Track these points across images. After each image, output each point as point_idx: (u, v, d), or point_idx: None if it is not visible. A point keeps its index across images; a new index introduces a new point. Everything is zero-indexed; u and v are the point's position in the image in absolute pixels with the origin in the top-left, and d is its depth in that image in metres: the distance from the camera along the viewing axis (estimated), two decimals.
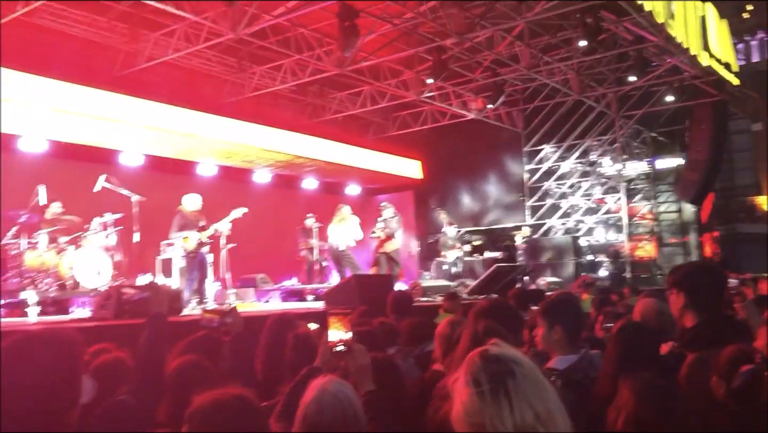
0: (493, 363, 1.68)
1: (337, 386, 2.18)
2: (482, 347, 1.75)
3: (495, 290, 10.66)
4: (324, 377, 2.25)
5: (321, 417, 2.10)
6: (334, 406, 2.11)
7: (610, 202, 17.74)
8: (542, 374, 1.73)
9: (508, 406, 1.61)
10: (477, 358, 1.71)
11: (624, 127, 17.26)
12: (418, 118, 17.43)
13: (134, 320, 5.58)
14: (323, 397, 2.13)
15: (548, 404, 1.65)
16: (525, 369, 1.67)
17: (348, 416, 2.11)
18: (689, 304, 2.87)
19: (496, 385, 1.64)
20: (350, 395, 2.17)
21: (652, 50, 13.90)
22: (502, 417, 1.61)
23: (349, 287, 8.31)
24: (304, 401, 2.15)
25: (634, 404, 2.30)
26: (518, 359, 1.70)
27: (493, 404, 1.62)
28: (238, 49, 13.39)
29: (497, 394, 1.63)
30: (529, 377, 1.66)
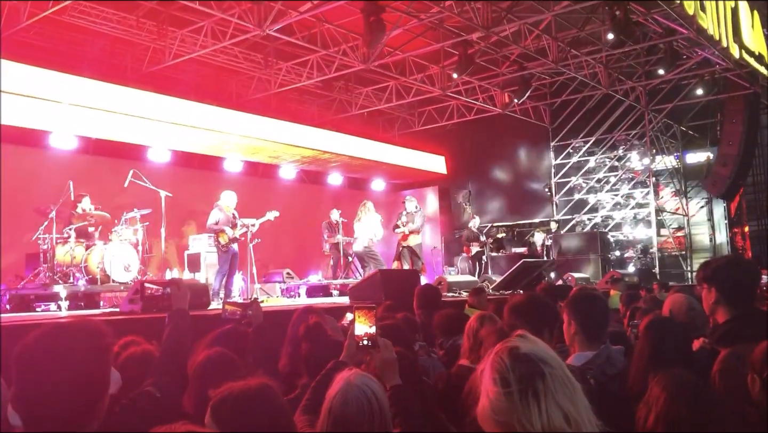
0: (523, 363, 1.65)
1: (362, 379, 2.17)
2: (510, 342, 1.73)
3: (521, 285, 10.59)
4: (349, 370, 2.24)
5: (346, 410, 2.09)
6: (359, 399, 2.10)
7: (638, 197, 17.51)
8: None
9: (537, 408, 1.60)
10: (506, 356, 1.68)
11: (653, 121, 17.01)
12: (444, 113, 17.36)
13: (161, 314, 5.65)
14: (348, 390, 2.12)
15: (577, 404, 1.63)
16: (554, 369, 1.65)
17: (373, 409, 2.10)
18: (721, 299, 2.81)
19: (525, 386, 1.61)
20: (375, 388, 2.16)
21: (683, 43, 13.67)
22: (531, 419, 1.59)
23: (374, 281, 8.29)
24: (330, 394, 2.15)
25: (664, 401, 2.25)
26: (547, 358, 1.67)
27: (522, 405, 1.60)
28: (264, 45, 13.45)
29: (526, 396, 1.61)
30: (558, 378, 1.63)
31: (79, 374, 1.74)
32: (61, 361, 1.73)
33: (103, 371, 1.82)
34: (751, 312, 2.81)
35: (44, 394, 1.71)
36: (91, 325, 1.89)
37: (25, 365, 1.75)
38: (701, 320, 3.78)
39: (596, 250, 15.30)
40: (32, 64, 9.86)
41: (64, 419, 1.72)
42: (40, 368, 1.72)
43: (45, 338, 1.78)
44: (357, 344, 2.63)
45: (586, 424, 1.63)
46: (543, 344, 1.75)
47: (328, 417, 2.11)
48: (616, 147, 17.65)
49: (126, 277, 9.26)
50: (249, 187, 14.84)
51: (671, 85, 16.27)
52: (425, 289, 6.09)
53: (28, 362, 1.75)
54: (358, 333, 2.63)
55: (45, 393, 1.71)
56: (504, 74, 15.20)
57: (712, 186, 17.00)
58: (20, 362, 1.76)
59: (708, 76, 15.47)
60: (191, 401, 2.50)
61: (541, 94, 17.37)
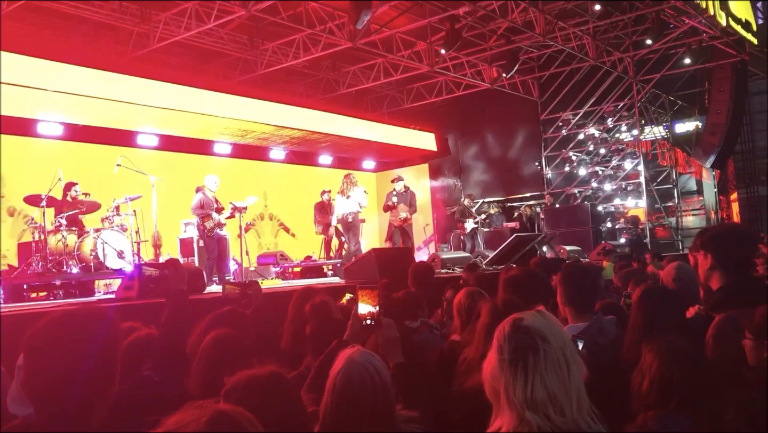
0: (520, 335, 1.70)
1: (365, 356, 2.20)
2: (520, 314, 1.77)
3: (514, 259, 10.64)
4: (352, 348, 2.27)
5: (349, 386, 2.12)
6: (361, 375, 2.13)
7: (628, 168, 17.58)
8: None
9: (522, 380, 1.64)
10: (508, 325, 1.72)
11: (641, 92, 17.02)
12: (433, 89, 17.30)
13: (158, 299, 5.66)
14: (351, 366, 2.15)
15: (567, 387, 1.66)
16: (551, 348, 1.68)
17: (376, 385, 2.13)
18: (716, 265, 2.84)
19: (516, 357, 1.67)
20: (378, 365, 2.19)
21: (669, 12, 13.65)
22: (515, 389, 1.64)
23: (368, 260, 8.31)
24: (333, 371, 2.18)
25: (657, 366, 2.30)
26: (548, 336, 1.70)
27: (509, 374, 1.65)
28: (249, 26, 13.32)
29: (515, 366, 1.66)
30: (552, 357, 1.67)
31: (88, 360, 1.75)
32: (70, 347, 1.74)
33: (112, 356, 1.84)
34: (746, 279, 2.84)
35: (53, 380, 1.72)
36: (99, 311, 1.90)
37: (34, 352, 1.77)
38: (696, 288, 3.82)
39: (587, 222, 15.38)
40: (15, 51, 9.73)
41: (73, 404, 1.73)
42: (49, 354, 1.74)
43: (54, 324, 1.79)
44: (360, 323, 2.67)
45: (573, 409, 1.65)
46: (555, 321, 1.78)
47: (332, 393, 2.14)
48: (605, 119, 17.67)
49: (119, 263, 9.24)
50: (238, 170, 14.80)
51: (659, 55, 16.26)
52: (419, 266, 6.12)
53: (37, 349, 1.76)
54: (361, 312, 2.67)
55: (54, 379, 1.72)
56: (491, 49, 15.15)
57: (701, 155, 17.07)
58: (30, 349, 1.78)
59: (695, 45, 15.47)
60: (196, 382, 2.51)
61: (529, 67, 17.33)
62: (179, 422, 1.27)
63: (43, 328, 1.79)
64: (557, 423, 1.62)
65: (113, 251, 9.20)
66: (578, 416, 1.65)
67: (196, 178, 10.68)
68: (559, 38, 14.32)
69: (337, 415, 2.12)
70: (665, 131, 18.25)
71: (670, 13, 13.78)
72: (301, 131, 14.36)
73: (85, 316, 1.87)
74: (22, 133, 11.41)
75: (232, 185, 13.22)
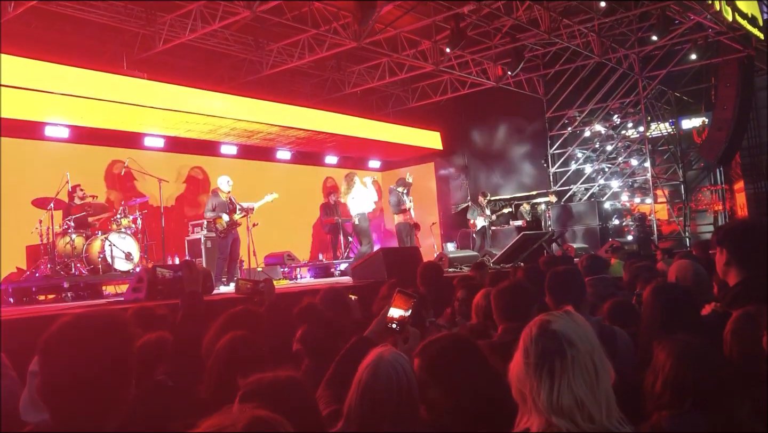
0: (547, 339, 1.67)
1: (395, 356, 2.22)
2: (548, 316, 1.74)
3: (522, 257, 10.62)
4: (384, 346, 2.29)
5: (375, 383, 2.14)
6: (388, 373, 2.15)
7: (635, 164, 17.52)
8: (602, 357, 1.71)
9: (548, 385, 1.61)
10: (535, 327, 1.70)
11: (647, 88, 16.95)
12: (438, 88, 17.27)
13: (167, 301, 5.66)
14: (380, 363, 2.18)
15: (596, 392, 1.63)
16: (579, 353, 1.65)
17: (402, 385, 2.14)
18: (732, 261, 2.82)
19: (542, 361, 1.64)
20: (407, 367, 2.21)
21: (675, 8, 13.58)
22: (540, 393, 1.61)
23: (376, 260, 8.31)
24: (362, 367, 2.20)
25: (671, 366, 2.27)
26: (575, 340, 1.67)
27: (535, 378, 1.62)
28: (254, 27, 13.32)
29: (540, 370, 1.63)
30: (580, 362, 1.64)
31: (103, 363, 1.74)
32: (85, 350, 1.73)
33: (127, 359, 1.83)
34: (763, 274, 2.82)
35: (69, 384, 1.72)
36: (114, 314, 1.89)
37: (49, 355, 1.76)
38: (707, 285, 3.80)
39: (594, 219, 15.34)
40: (21, 55, 9.76)
41: (90, 409, 1.72)
42: (64, 358, 1.73)
43: (68, 327, 1.78)
44: (386, 324, 2.67)
45: (602, 415, 1.63)
46: (583, 324, 1.75)
47: (358, 387, 2.17)
48: (611, 116, 17.61)
49: (127, 265, 9.27)
50: (245, 171, 14.83)
51: (664, 51, 16.17)
52: (428, 266, 6.11)
53: (52, 353, 1.75)
54: (390, 315, 2.67)
55: (70, 383, 1.71)
56: (496, 47, 15.11)
57: (708, 151, 16.98)
58: (45, 353, 1.77)
59: (701, 41, 15.39)
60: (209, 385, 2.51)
61: (534, 65, 17.28)
62: (216, 425, 1.27)
63: (57, 331, 1.78)
64: (585, 429, 1.60)
65: (121, 253, 9.23)
66: (607, 422, 1.62)
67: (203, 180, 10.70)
68: (564, 35, 14.27)
69: (360, 410, 2.14)
70: (671, 127, 18.18)
71: (676, 9, 13.71)
72: (307, 131, 14.38)
73: (98, 319, 1.86)
74: (29, 137, 11.46)
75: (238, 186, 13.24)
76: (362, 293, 5.37)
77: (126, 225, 9.64)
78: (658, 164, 17.72)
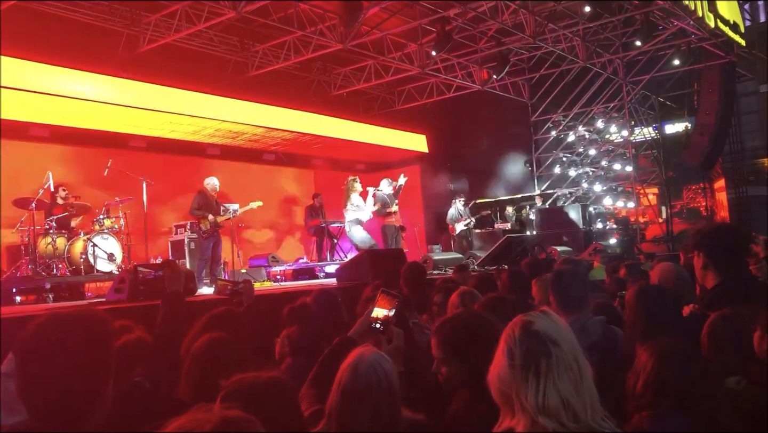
0: (531, 340, 1.67)
1: (375, 356, 2.22)
2: (529, 316, 1.74)
3: (506, 260, 10.65)
4: (365, 346, 2.29)
5: (355, 383, 2.15)
6: (368, 375, 2.15)
7: (618, 168, 17.65)
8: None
9: (535, 386, 1.62)
10: (518, 329, 1.69)
11: (631, 93, 17.09)
12: (424, 91, 17.30)
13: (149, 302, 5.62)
14: (360, 364, 2.18)
15: (581, 391, 1.64)
16: (563, 352, 1.66)
17: (382, 387, 2.15)
18: (709, 264, 2.85)
19: (528, 363, 1.64)
20: (387, 367, 2.21)
21: (658, 13, 13.71)
22: (527, 396, 1.61)
23: (361, 262, 8.31)
24: (342, 367, 2.21)
25: (653, 366, 2.29)
26: (559, 340, 1.68)
27: (521, 381, 1.62)
28: (239, 27, 13.28)
29: (527, 372, 1.63)
30: (564, 362, 1.65)
31: (81, 362, 1.72)
32: (62, 349, 1.71)
33: (105, 358, 1.81)
34: (739, 276, 2.85)
35: (46, 383, 1.70)
36: (91, 313, 1.87)
37: (26, 355, 1.74)
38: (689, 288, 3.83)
39: (579, 223, 15.43)
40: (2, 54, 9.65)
41: (68, 408, 1.70)
42: (40, 358, 1.71)
43: (45, 326, 1.76)
44: (369, 324, 2.68)
45: (587, 412, 1.64)
46: (562, 323, 1.76)
47: (338, 388, 2.17)
48: (595, 120, 17.73)
49: (110, 266, 9.20)
50: (230, 172, 14.76)
51: (648, 57, 16.34)
52: (411, 267, 6.11)
53: (29, 352, 1.73)
54: (374, 315, 2.67)
55: (47, 383, 1.69)
56: (482, 50, 15.17)
57: (690, 156, 17.15)
58: (21, 352, 1.75)
59: (684, 47, 15.56)
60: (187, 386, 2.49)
61: (520, 69, 17.37)
62: (185, 427, 1.24)
63: (34, 331, 1.76)
64: (571, 428, 1.60)
65: (104, 254, 9.16)
66: (592, 420, 1.63)
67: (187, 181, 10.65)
68: (549, 40, 14.37)
69: (341, 410, 2.14)
70: (655, 132, 18.34)
71: (659, 15, 13.84)
72: (293, 133, 14.35)
73: (75, 318, 1.84)
74: (11, 137, 11.32)
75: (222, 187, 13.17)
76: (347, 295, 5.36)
77: (109, 226, 9.57)
78: (642, 168, 17.87)
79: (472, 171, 18.53)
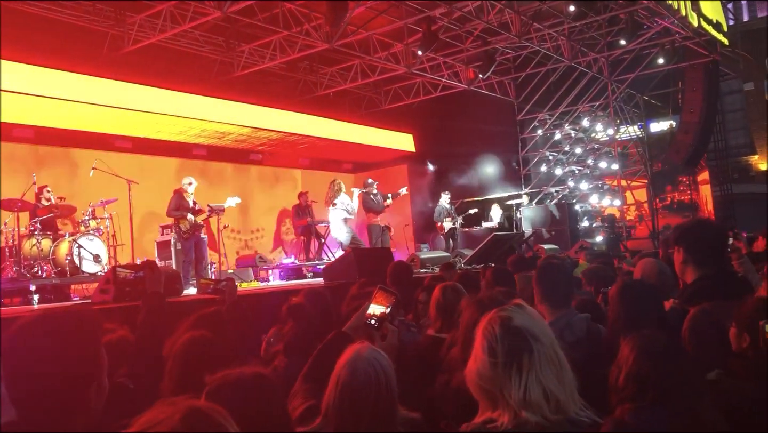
0: (512, 336, 1.69)
1: (372, 352, 2.24)
2: (505, 312, 1.75)
3: (493, 258, 10.69)
4: (361, 343, 2.30)
5: (353, 380, 2.16)
6: (366, 371, 2.17)
7: (604, 167, 17.76)
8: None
9: (518, 381, 1.64)
10: (497, 326, 1.71)
11: (616, 92, 17.20)
12: (410, 90, 17.33)
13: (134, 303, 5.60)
14: (357, 361, 2.20)
15: (563, 382, 1.67)
16: (543, 346, 1.69)
17: (380, 382, 2.17)
18: (689, 259, 2.89)
19: (510, 359, 1.66)
20: (384, 364, 2.22)
21: (643, 13, 13.82)
22: (511, 391, 1.63)
23: (348, 261, 8.32)
24: (340, 364, 2.22)
25: (634, 360, 2.32)
26: (538, 334, 1.71)
27: (504, 377, 1.65)
28: (225, 27, 13.25)
29: (510, 368, 1.65)
30: (545, 355, 1.68)
31: (69, 360, 1.72)
32: (50, 347, 1.71)
33: (94, 355, 1.81)
34: (718, 271, 2.89)
35: (34, 381, 1.69)
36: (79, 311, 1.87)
37: (13, 354, 1.73)
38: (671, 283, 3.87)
39: (565, 221, 15.52)
40: None
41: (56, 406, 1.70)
42: (28, 356, 1.71)
43: (32, 325, 1.76)
44: (364, 320, 2.70)
45: (569, 403, 1.67)
46: (538, 317, 1.79)
47: (336, 385, 2.18)
48: (580, 119, 17.83)
49: (96, 267, 9.15)
50: (216, 172, 14.73)
51: (633, 56, 16.44)
52: (397, 265, 6.15)
53: (16, 350, 1.73)
54: (369, 312, 2.70)
55: (35, 380, 1.69)
56: (468, 50, 15.21)
57: (675, 154, 17.29)
58: (8, 351, 1.74)
59: (668, 46, 15.67)
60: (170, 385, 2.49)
61: (506, 68, 17.43)
62: (151, 420, 1.23)
63: (19, 329, 1.76)
64: (553, 419, 1.64)
65: (89, 255, 9.11)
66: (572, 409, 1.66)
67: (173, 182, 10.60)
68: (534, 39, 14.43)
69: (339, 407, 2.16)
70: (640, 130, 18.47)
71: (643, 14, 13.95)
72: (279, 133, 14.32)
73: (63, 316, 1.84)
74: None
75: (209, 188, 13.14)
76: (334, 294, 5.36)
77: (94, 227, 9.52)
78: (627, 166, 18.00)
79: (459, 170, 18.57)
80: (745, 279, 3.38)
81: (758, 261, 4.61)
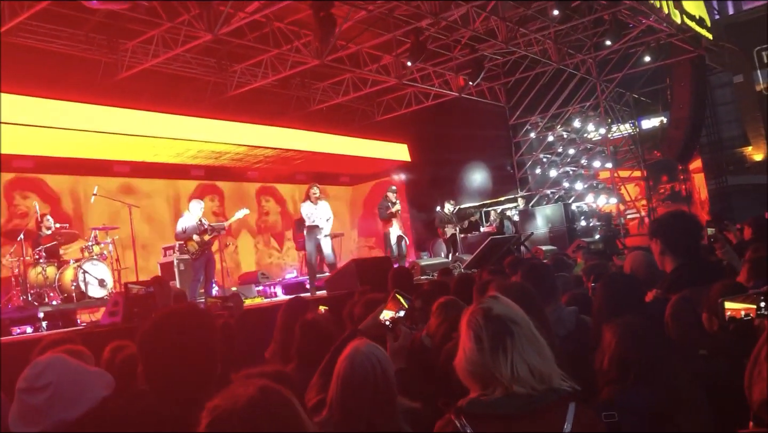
0: (494, 323, 1.90)
1: (369, 347, 2.42)
2: (484, 303, 1.95)
3: (491, 262, 10.82)
4: (360, 339, 2.47)
5: (352, 373, 2.34)
6: (364, 365, 2.35)
7: (597, 166, 17.93)
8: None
9: (505, 360, 1.85)
10: (480, 317, 1.91)
11: (606, 91, 17.39)
12: (402, 101, 17.51)
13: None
14: (355, 356, 2.38)
15: (544, 358, 1.89)
16: (522, 329, 1.92)
17: (377, 375, 2.34)
18: (666, 250, 3.05)
19: (495, 343, 1.88)
20: (381, 356, 2.40)
21: (626, 12, 14.01)
22: (500, 369, 1.84)
23: (348, 271, 8.47)
24: (340, 359, 2.41)
25: (616, 344, 2.51)
26: (517, 319, 1.93)
27: (493, 359, 1.85)
28: (216, 49, 13.44)
29: (496, 351, 1.86)
30: (525, 336, 1.90)
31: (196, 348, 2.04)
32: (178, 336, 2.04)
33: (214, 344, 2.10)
34: (695, 260, 3.05)
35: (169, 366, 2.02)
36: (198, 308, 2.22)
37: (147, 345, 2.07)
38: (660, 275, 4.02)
39: (562, 222, 15.66)
40: None
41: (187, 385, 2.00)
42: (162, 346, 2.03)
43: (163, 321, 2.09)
44: (380, 321, 2.87)
45: (552, 375, 1.87)
46: (514, 305, 1.99)
47: (337, 379, 2.37)
48: (572, 120, 18.01)
49: (101, 292, 9.29)
50: (215, 192, 14.90)
51: (620, 55, 16.63)
52: (398, 271, 6.30)
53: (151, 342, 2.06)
54: (384, 315, 2.86)
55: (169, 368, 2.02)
56: (457, 58, 15.41)
57: (667, 149, 17.47)
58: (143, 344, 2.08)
59: (654, 43, 15.88)
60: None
61: (495, 74, 17.61)
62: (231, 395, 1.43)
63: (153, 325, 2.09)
64: (539, 389, 1.84)
65: (95, 280, 9.25)
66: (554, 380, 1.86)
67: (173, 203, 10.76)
68: (521, 44, 14.62)
69: (341, 399, 2.34)
70: (632, 128, 18.65)
71: (627, 14, 14.14)
72: (275, 150, 14.50)
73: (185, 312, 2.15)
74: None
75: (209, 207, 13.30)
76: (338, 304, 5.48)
77: (98, 252, 9.67)
78: (620, 163, 18.16)
79: (455, 177, 18.73)
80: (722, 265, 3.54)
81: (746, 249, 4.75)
